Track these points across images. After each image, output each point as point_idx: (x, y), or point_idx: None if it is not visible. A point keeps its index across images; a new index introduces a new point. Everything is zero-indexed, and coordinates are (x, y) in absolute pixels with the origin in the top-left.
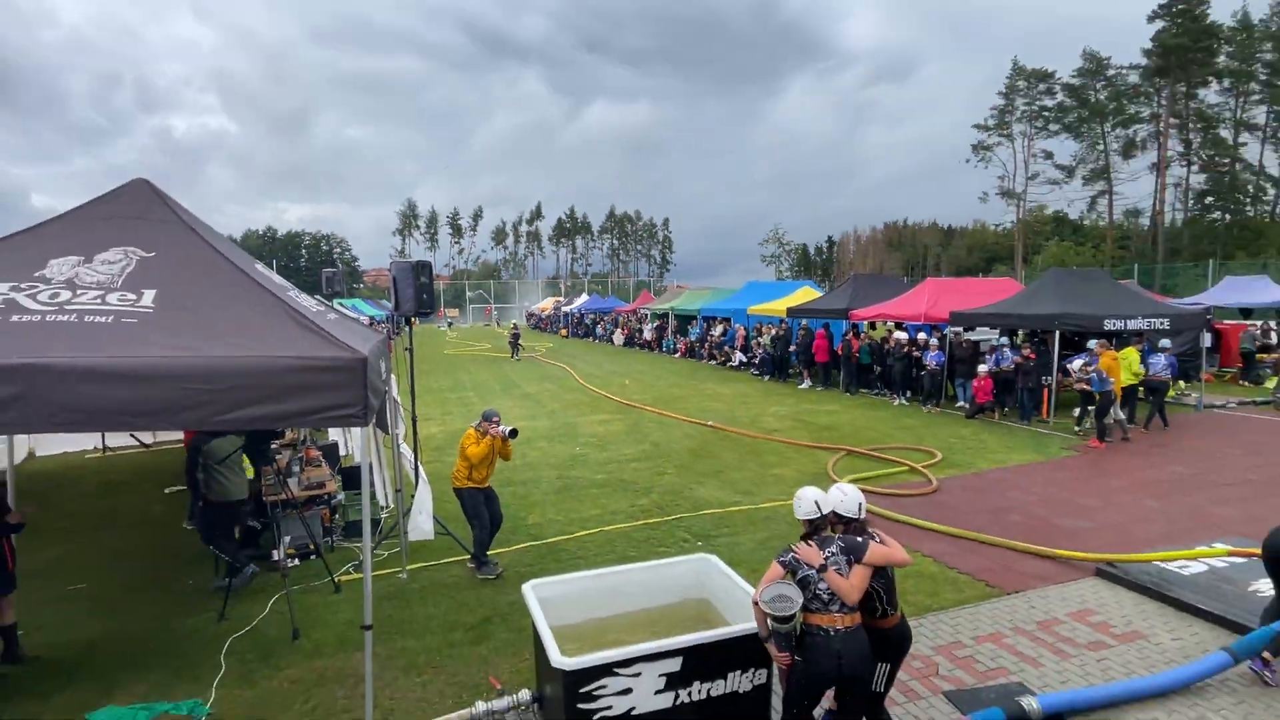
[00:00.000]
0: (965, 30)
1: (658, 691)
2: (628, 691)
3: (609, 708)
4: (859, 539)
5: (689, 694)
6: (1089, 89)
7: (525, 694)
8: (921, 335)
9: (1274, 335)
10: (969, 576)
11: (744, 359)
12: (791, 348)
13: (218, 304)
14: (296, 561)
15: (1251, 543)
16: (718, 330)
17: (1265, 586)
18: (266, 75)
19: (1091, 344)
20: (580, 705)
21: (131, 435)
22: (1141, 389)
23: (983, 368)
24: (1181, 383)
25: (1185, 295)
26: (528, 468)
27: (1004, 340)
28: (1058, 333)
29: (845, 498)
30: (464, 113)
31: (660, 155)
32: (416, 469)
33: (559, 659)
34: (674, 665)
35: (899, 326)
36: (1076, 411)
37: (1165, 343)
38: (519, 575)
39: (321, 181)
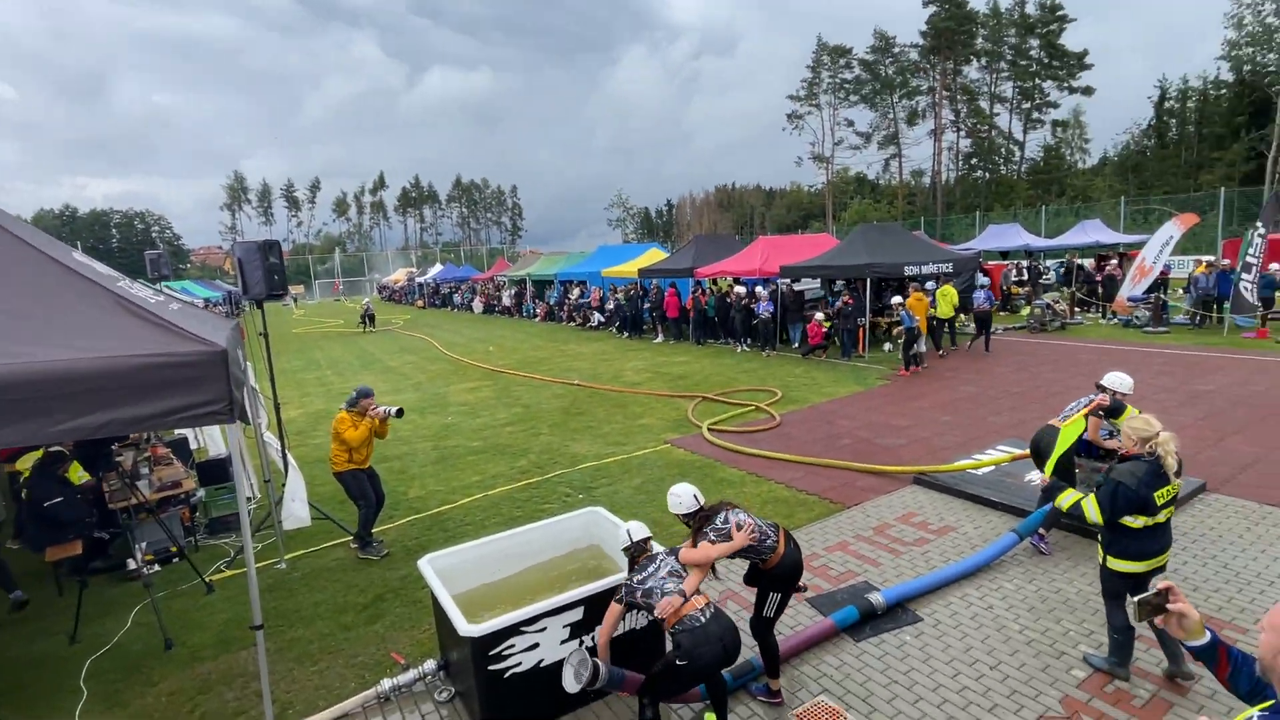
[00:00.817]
0: (777, 7)
1: (563, 641)
2: (535, 646)
3: (518, 664)
4: (679, 547)
5: (592, 638)
6: (880, 65)
7: (430, 664)
8: (758, 289)
9: (1025, 273)
10: (816, 496)
11: (601, 319)
12: (646, 305)
13: (35, 302)
14: (157, 568)
15: (1019, 444)
16: (575, 293)
17: (1038, 477)
18: (45, 31)
19: (929, 285)
20: (491, 667)
21: None
22: (969, 319)
23: (819, 315)
24: (962, 315)
25: (959, 242)
26: (401, 442)
27: (838, 288)
28: (869, 279)
29: (680, 500)
30: (291, 78)
31: (504, 123)
32: (285, 457)
33: (466, 627)
34: (577, 615)
35: (737, 281)
36: (887, 347)
37: (983, 280)
38: (406, 550)
39: (130, 154)
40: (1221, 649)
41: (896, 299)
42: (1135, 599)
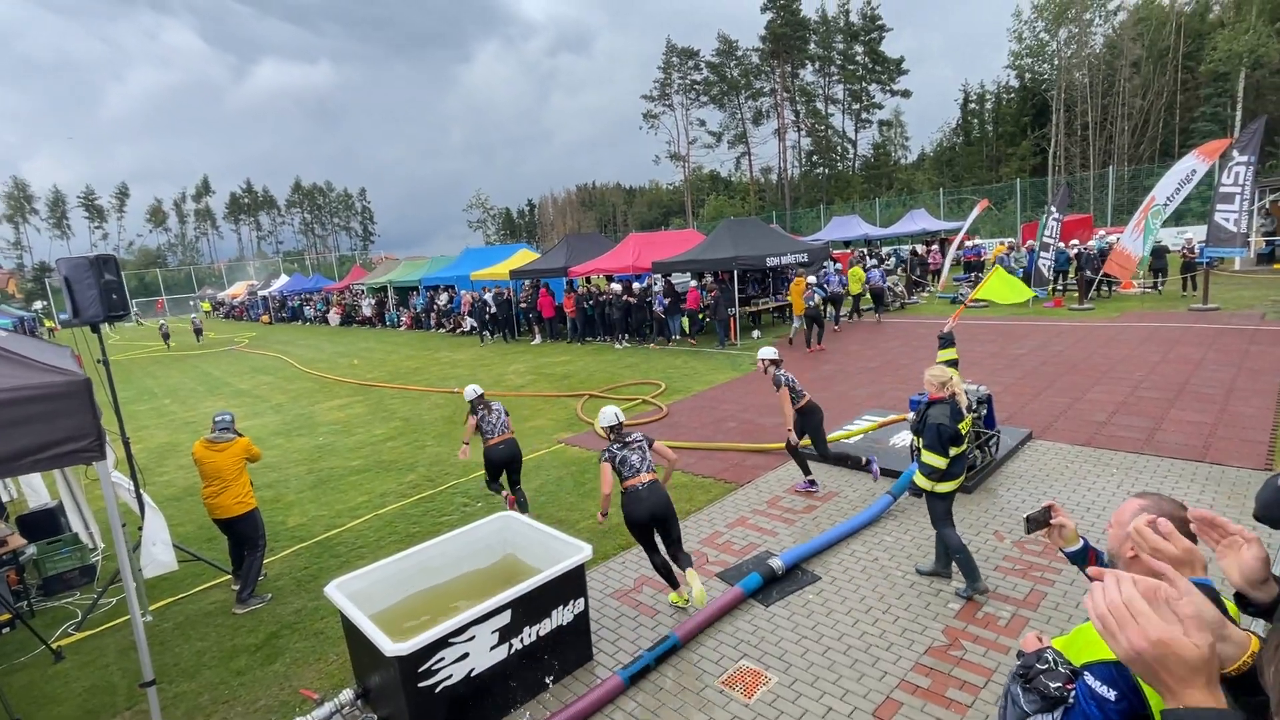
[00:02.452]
0: (624, 6)
1: (493, 647)
2: (464, 656)
3: (449, 676)
4: (642, 435)
5: (521, 640)
6: (726, 67)
7: (347, 693)
8: (653, 284)
9: (867, 259)
10: (712, 478)
11: (474, 324)
12: (523, 306)
13: None
14: None
15: (881, 413)
16: (443, 299)
17: (900, 441)
18: None
19: (836, 265)
20: (420, 684)
21: None
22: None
23: (692, 281)
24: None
25: (808, 233)
26: (270, 468)
27: (706, 280)
28: (735, 271)
29: (603, 418)
30: (85, 68)
31: (348, 121)
32: (140, 497)
33: (392, 646)
34: (504, 619)
35: (610, 279)
36: (755, 333)
37: (873, 261)
38: (296, 582)
39: None
40: (1091, 552)
41: (811, 278)
42: (1025, 516)
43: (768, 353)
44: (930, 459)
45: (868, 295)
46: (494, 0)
